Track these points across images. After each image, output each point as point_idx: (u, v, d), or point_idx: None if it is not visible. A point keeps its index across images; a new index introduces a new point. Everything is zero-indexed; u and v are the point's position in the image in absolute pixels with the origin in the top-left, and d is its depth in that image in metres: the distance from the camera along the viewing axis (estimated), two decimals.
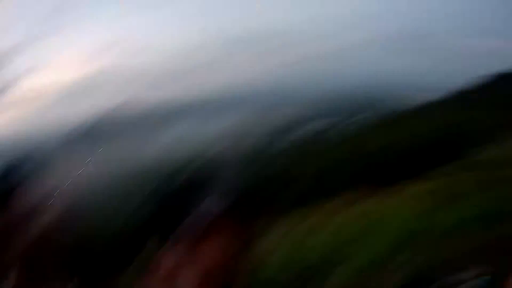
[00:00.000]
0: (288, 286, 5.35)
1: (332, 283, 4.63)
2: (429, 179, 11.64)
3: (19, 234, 1.12)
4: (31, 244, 1.12)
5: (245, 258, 0.87)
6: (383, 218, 6.97)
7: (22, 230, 1.12)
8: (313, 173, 28.71)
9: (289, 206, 21.67)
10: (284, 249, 6.33)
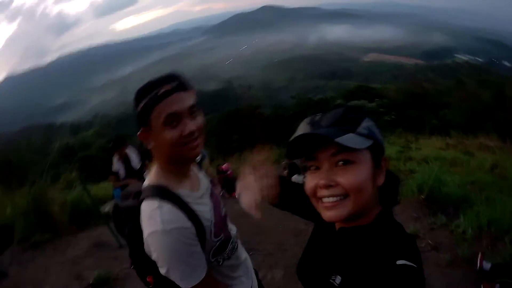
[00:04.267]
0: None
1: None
2: None
3: None
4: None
5: (378, 182, 0.96)
6: None
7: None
8: (459, 106, 27.18)
9: (432, 131, 21.60)
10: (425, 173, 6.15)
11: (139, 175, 5.29)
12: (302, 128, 0.98)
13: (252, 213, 1.26)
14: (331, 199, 0.93)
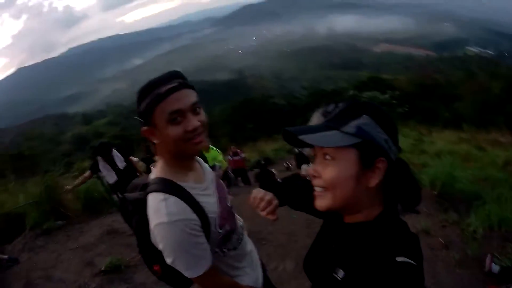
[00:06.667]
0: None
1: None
2: None
3: None
4: None
5: (369, 182, 0.95)
6: None
7: None
8: (471, 99, 26.80)
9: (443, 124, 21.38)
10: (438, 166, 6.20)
11: (126, 174, 5.40)
12: (315, 119, 1.03)
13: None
14: (317, 188, 1.00)
